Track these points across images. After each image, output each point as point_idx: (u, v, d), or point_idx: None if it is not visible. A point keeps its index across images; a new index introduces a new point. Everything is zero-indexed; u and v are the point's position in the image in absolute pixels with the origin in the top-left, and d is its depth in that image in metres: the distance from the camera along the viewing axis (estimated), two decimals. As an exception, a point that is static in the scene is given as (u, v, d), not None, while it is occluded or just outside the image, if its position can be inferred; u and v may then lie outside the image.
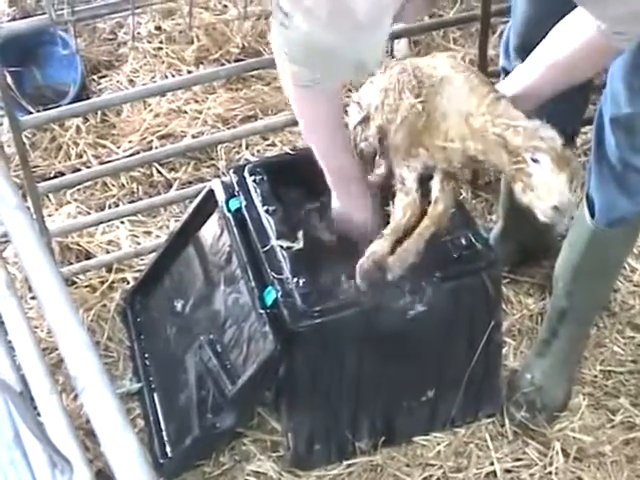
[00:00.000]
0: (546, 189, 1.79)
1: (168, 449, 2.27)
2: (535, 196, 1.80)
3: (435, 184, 2.01)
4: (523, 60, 2.27)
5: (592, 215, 2.15)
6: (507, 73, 2.36)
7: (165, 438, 2.29)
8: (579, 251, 2.24)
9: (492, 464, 2.30)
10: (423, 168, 2.00)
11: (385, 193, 2.10)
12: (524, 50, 2.27)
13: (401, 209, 2.01)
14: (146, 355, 2.45)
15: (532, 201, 1.81)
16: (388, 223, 2.04)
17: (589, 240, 2.20)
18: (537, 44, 1.94)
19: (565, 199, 1.78)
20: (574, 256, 2.27)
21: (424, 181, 2.02)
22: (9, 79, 2.80)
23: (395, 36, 2.77)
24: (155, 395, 2.37)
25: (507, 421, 2.37)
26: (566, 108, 2.25)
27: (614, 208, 2.12)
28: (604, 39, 1.74)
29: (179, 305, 2.38)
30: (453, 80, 1.90)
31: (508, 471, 2.31)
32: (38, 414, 1.34)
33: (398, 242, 2.02)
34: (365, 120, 2.10)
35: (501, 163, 1.85)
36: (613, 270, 2.39)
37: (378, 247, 2.01)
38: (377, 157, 2.12)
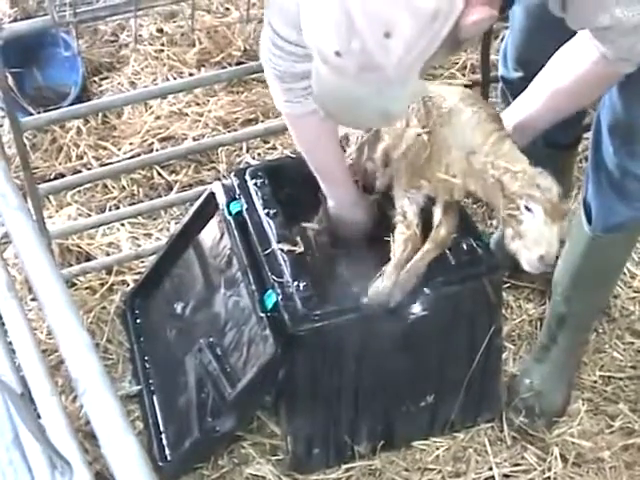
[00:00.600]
0: (534, 239, 1.82)
1: (167, 452, 2.27)
2: (522, 245, 1.84)
3: (437, 209, 2.02)
4: (521, 70, 2.28)
5: (589, 221, 2.15)
6: (505, 82, 2.37)
7: (164, 441, 2.29)
8: (577, 257, 2.24)
9: (491, 469, 2.31)
10: (424, 201, 2.02)
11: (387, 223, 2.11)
12: (522, 60, 2.27)
13: (402, 242, 2.02)
14: (146, 357, 2.45)
15: (519, 249, 1.84)
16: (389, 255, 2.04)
17: (587, 246, 2.20)
18: (534, 54, 1.94)
19: (553, 251, 1.82)
20: (572, 262, 2.27)
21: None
22: (10, 80, 2.80)
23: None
24: (154, 398, 2.37)
25: (506, 426, 2.37)
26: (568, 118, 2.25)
27: (611, 214, 2.11)
28: (609, 65, 1.74)
29: (179, 308, 2.38)
30: (461, 113, 1.90)
31: (507, 476, 2.31)
32: (38, 415, 1.33)
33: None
34: (371, 140, 2.11)
35: (497, 205, 1.87)
36: (612, 276, 2.39)
37: (381, 285, 2.01)
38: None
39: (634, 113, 1.95)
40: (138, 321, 2.53)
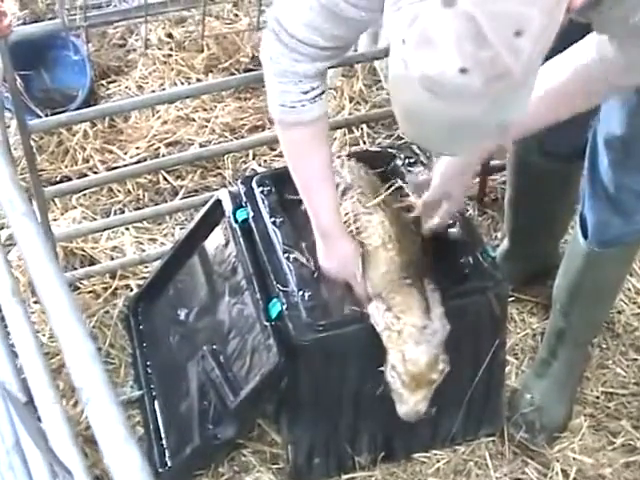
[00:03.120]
0: (398, 397, 1.97)
1: (167, 458, 2.26)
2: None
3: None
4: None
5: (585, 236, 2.14)
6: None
7: (165, 447, 2.28)
8: (574, 272, 2.24)
9: (491, 483, 2.30)
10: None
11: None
12: None
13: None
14: (148, 363, 2.44)
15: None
16: None
17: (583, 261, 2.19)
18: None
19: (415, 410, 1.97)
20: (570, 277, 2.26)
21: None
22: (18, 82, 2.79)
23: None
24: (156, 403, 2.37)
25: (507, 440, 2.36)
26: (568, 126, 2.24)
27: (607, 229, 2.10)
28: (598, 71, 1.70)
29: (182, 314, 2.38)
30: (376, 254, 2.05)
31: (507, 490, 2.31)
32: (39, 421, 1.33)
33: None
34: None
35: None
36: (610, 292, 2.37)
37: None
38: None
39: (628, 127, 1.94)
40: (141, 326, 2.52)
